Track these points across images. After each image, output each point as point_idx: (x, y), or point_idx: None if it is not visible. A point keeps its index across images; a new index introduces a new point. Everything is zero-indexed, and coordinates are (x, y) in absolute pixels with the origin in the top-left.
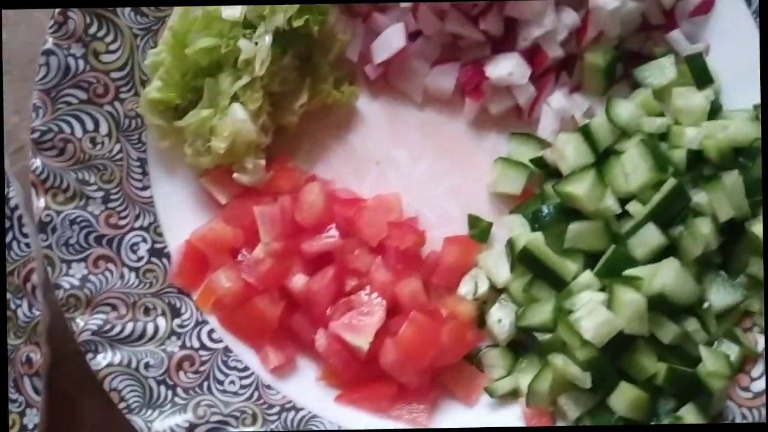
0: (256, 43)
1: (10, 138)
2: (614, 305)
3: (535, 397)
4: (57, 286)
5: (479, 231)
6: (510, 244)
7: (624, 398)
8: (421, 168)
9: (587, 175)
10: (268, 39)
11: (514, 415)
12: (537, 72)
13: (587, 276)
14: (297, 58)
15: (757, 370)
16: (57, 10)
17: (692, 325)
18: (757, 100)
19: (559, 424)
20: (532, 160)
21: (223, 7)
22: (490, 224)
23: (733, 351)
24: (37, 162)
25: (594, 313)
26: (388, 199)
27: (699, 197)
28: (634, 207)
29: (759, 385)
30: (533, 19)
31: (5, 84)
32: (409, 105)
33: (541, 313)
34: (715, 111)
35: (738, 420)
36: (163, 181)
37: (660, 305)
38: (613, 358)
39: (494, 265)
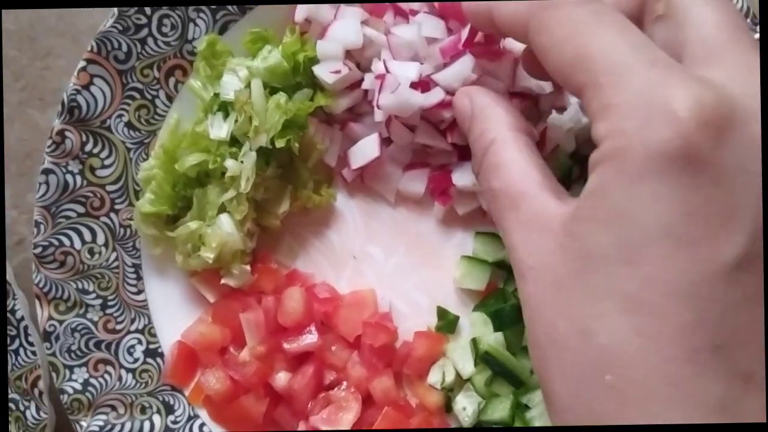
0: (242, 161)
1: (11, 231)
2: None
3: None
4: (61, 391)
5: (446, 323)
6: (473, 342)
7: None
8: (393, 262)
9: None
10: (252, 157)
11: None
12: None
13: None
14: (279, 167)
15: None
16: (55, 130)
17: None
18: None
19: None
20: (494, 262)
21: (210, 129)
22: (457, 317)
23: None
24: (40, 276)
25: (546, 415)
26: (364, 295)
27: None
28: None
29: None
30: None
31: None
32: (384, 204)
33: (501, 409)
34: None
35: None
36: (156, 284)
37: None
38: None
39: (460, 358)
